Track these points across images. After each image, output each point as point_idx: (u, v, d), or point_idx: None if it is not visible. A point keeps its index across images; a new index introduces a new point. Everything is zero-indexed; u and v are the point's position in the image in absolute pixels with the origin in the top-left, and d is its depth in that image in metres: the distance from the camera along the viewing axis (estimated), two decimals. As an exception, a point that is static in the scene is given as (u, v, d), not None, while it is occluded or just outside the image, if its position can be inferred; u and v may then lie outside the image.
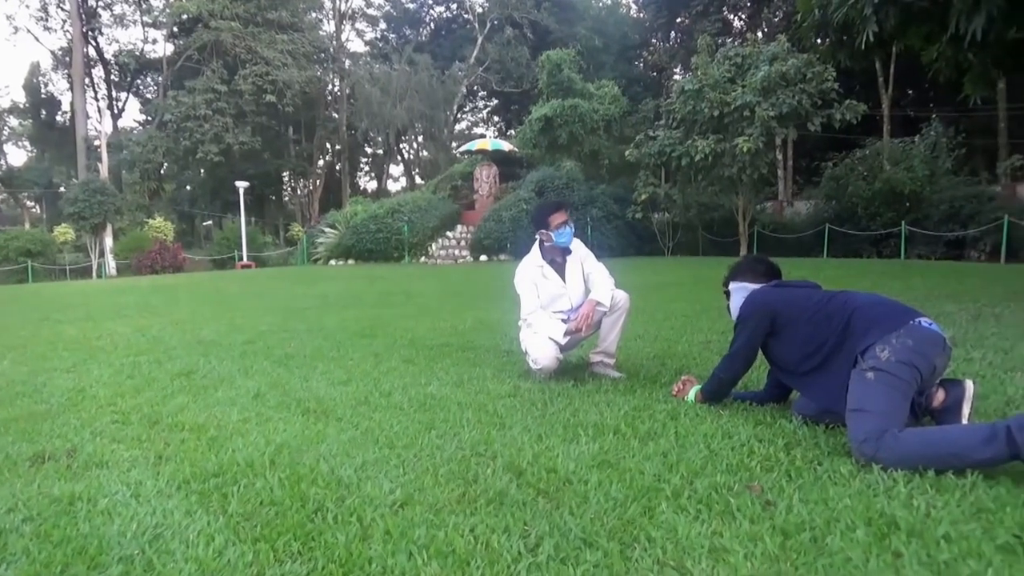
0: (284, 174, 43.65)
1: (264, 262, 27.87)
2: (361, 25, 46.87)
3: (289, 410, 3.30)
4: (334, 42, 42.74)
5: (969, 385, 2.53)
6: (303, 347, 5.37)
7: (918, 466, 2.16)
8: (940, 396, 2.56)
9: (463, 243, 23.44)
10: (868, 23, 6.38)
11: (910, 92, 29.72)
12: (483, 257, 21.88)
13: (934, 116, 22.44)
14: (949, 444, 2.16)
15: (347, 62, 43.26)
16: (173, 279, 18.66)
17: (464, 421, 2.99)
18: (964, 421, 2.48)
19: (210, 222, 40.52)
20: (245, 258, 26.03)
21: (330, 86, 44.15)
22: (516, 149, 26.28)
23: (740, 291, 3.10)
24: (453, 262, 21.97)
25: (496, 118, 48.28)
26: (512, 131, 36.29)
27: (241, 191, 26.47)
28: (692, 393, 3.20)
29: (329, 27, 43.66)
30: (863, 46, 6.64)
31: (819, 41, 8.62)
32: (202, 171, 39.65)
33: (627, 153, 20.88)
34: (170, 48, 38.14)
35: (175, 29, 37.38)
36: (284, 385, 3.89)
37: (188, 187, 43.76)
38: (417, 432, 2.84)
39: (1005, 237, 15.83)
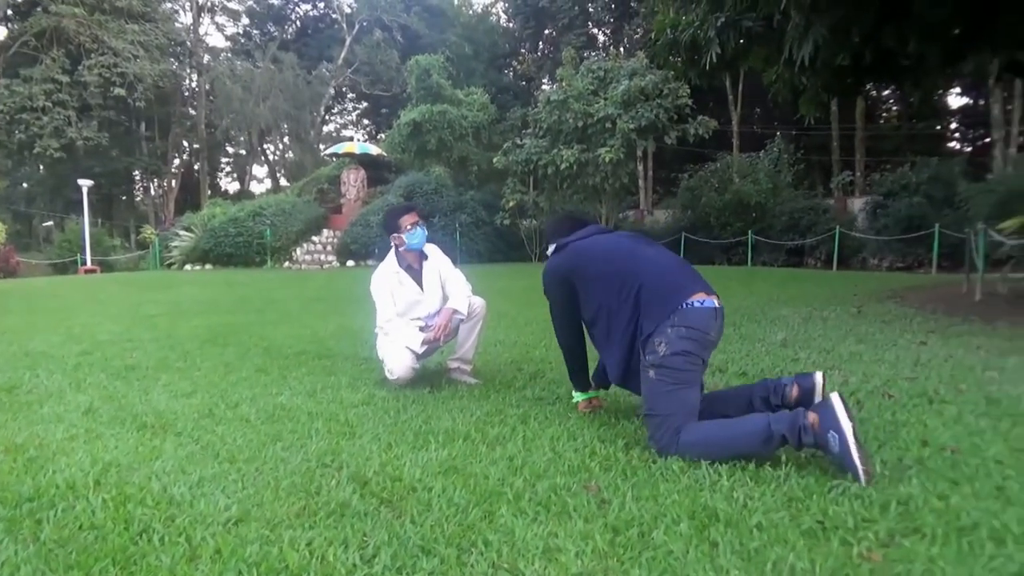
0: (136, 173, 40.87)
1: (111, 266, 25.97)
2: (221, 19, 44.69)
3: (123, 426, 3.09)
4: (191, 35, 40.53)
5: (818, 377, 2.67)
6: (147, 357, 5.05)
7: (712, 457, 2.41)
8: (794, 392, 2.66)
9: (329, 248, 22.86)
10: (712, 45, 6.82)
11: (757, 110, 31.91)
12: (350, 262, 21.45)
13: (778, 133, 24.23)
14: (735, 442, 2.41)
15: (206, 57, 41.17)
16: (4, 285, 17.02)
17: (313, 432, 2.92)
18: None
19: (50, 223, 37.22)
20: (89, 262, 24.14)
21: (187, 81, 41.82)
22: (384, 153, 25.97)
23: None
24: (319, 267, 21.40)
25: (366, 121, 47.49)
26: (383, 134, 35.82)
27: (85, 190, 24.51)
28: (575, 396, 3.24)
29: (186, 19, 41.33)
30: (707, 66, 7.08)
31: (672, 59, 9.12)
32: (41, 167, 36.42)
33: (495, 160, 21.18)
34: (3, 32, 34.78)
35: (8, 12, 34.16)
36: (120, 399, 3.64)
37: (24, 184, 40.04)
38: (262, 444, 2.74)
39: (836, 246, 17.33)
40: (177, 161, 42.02)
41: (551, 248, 3.15)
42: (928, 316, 6.63)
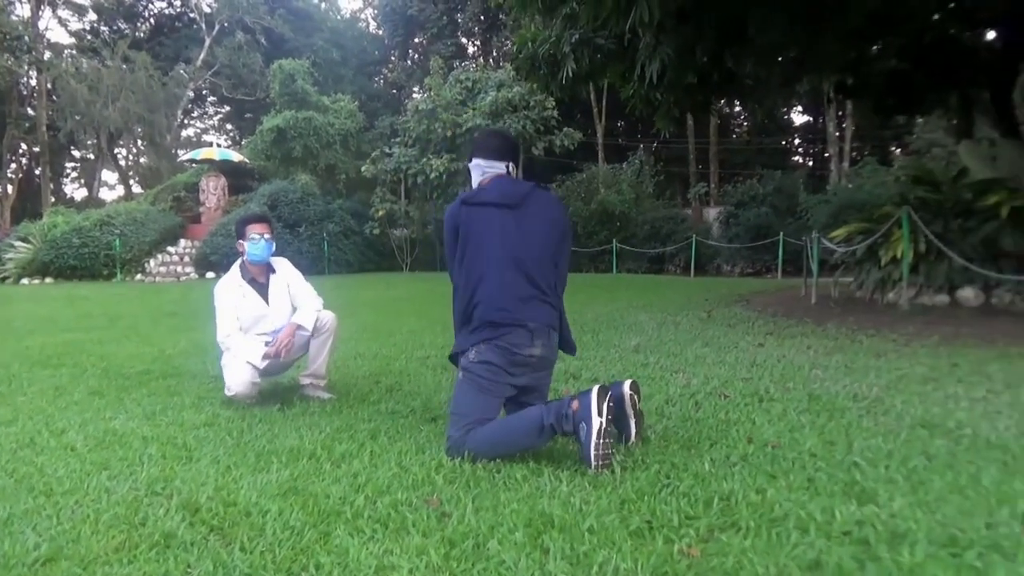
0: (-35, 178, 37.14)
1: (-66, 281, 23.43)
2: (64, 13, 41.28)
3: (-77, 462, 2.79)
4: (30, 29, 37.28)
5: (624, 388, 2.76)
6: (-37, 383, 4.58)
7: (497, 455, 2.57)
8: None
9: (187, 259, 21.65)
10: (567, 60, 7.03)
11: (620, 123, 33.22)
12: (210, 274, 20.36)
13: (640, 146, 25.34)
14: (516, 438, 2.59)
15: (47, 53, 38.00)
16: None
17: (145, 457, 2.74)
18: (632, 421, 2.74)
19: None
20: (-93, 277, 21.67)
21: (25, 79, 38.45)
22: (247, 160, 24.96)
23: (475, 169, 2.95)
24: (175, 279, 20.21)
25: (229, 126, 45.46)
26: (246, 140, 34.45)
27: (-99, 197, 22.06)
28: None
29: (23, 11, 37.99)
30: (565, 80, 7.29)
31: (534, 72, 9.32)
32: None
33: (363, 169, 20.92)
34: None
35: None
36: (-76, 431, 3.28)
37: None
38: (86, 474, 2.54)
39: (693, 254, 18.29)
40: (14, 166, 38.50)
41: (472, 162, 2.96)
42: (769, 319, 7.11)
